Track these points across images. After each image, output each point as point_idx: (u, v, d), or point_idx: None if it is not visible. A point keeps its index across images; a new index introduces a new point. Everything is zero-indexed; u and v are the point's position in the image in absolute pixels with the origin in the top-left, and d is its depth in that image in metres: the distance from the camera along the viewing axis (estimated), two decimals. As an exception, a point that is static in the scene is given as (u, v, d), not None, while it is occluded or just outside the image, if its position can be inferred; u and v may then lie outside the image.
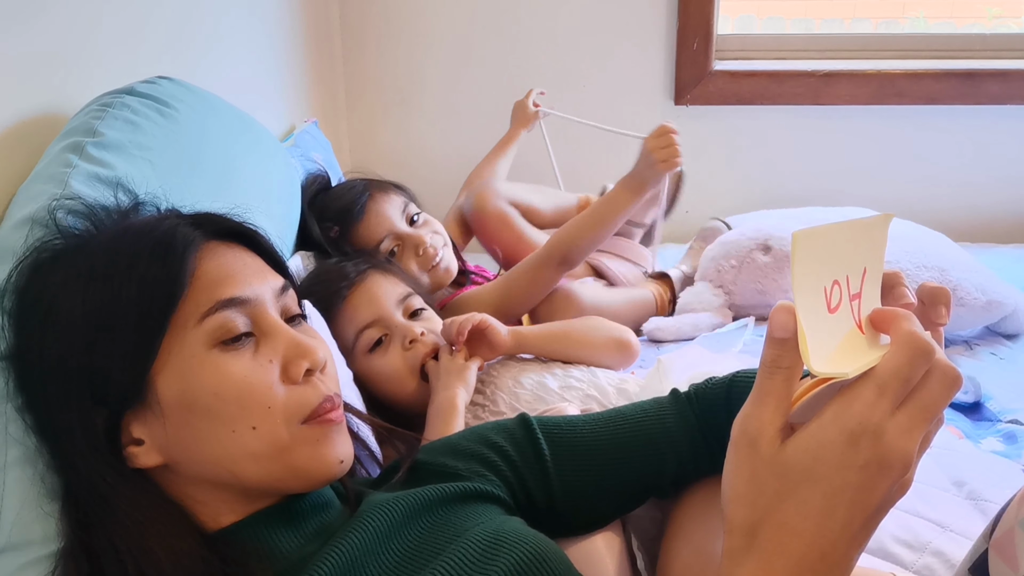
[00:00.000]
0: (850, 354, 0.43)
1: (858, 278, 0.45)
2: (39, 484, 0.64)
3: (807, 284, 0.43)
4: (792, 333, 0.43)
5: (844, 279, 0.44)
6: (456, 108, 2.07)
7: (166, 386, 0.60)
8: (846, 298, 0.45)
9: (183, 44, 1.28)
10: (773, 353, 0.44)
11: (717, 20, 1.94)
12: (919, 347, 0.42)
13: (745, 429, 0.45)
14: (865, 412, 0.41)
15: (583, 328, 1.17)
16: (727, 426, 0.66)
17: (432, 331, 1.10)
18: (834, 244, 0.44)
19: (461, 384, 1.03)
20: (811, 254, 0.43)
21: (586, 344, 1.15)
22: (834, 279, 0.44)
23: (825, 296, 0.43)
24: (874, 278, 0.47)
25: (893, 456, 0.42)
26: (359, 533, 0.62)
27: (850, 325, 0.45)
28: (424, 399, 1.06)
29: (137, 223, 0.66)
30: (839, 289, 0.44)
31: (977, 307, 1.40)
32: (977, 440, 1.15)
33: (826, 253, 0.44)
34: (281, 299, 0.67)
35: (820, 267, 0.43)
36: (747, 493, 0.44)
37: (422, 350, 1.07)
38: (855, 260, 0.45)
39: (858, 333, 0.45)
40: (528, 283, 1.32)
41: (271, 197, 1.19)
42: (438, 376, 1.05)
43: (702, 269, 1.56)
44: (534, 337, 1.13)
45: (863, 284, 0.46)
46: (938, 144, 2.00)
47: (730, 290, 1.50)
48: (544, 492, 0.75)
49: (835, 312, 0.44)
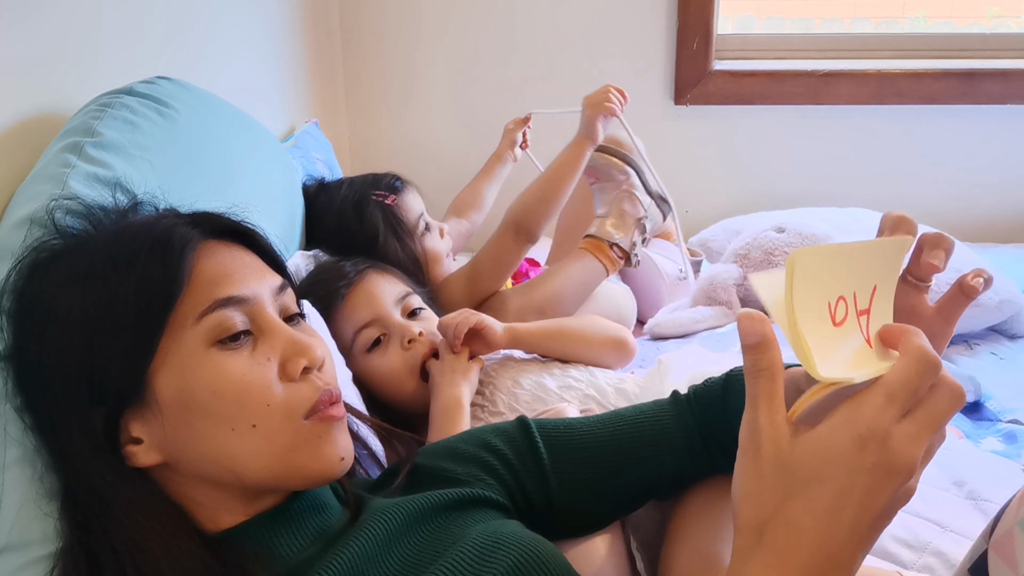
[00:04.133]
0: (856, 365, 0.45)
1: (867, 295, 0.47)
2: (38, 484, 0.64)
3: (808, 299, 0.44)
4: (761, 336, 0.45)
5: (851, 296, 0.46)
6: (456, 108, 2.07)
7: (164, 385, 0.60)
8: (853, 313, 0.46)
9: (182, 44, 1.28)
10: (750, 359, 0.46)
11: (717, 20, 1.94)
12: (928, 361, 0.44)
13: (747, 435, 0.46)
14: (874, 417, 0.43)
15: (579, 326, 1.17)
16: (726, 424, 0.66)
17: (431, 331, 1.09)
18: (841, 262, 0.46)
19: (465, 382, 1.02)
20: (813, 270, 0.44)
21: (582, 342, 1.14)
22: (839, 295, 0.46)
23: (829, 310, 0.45)
24: (885, 295, 0.49)
25: (899, 461, 0.43)
26: (360, 540, 0.62)
27: (859, 339, 0.47)
28: (423, 399, 1.05)
29: (135, 223, 0.66)
30: (845, 304, 0.46)
31: (991, 307, 1.40)
32: (977, 440, 1.15)
33: (830, 270, 0.45)
34: (279, 298, 0.67)
35: (823, 283, 0.45)
36: (754, 491, 0.45)
37: (421, 350, 1.07)
38: (865, 278, 0.47)
39: (866, 347, 0.47)
40: (493, 260, 1.33)
41: (271, 197, 1.19)
42: (441, 374, 1.04)
43: (724, 257, 1.57)
44: (529, 334, 1.13)
45: (872, 301, 0.48)
46: (938, 144, 1.99)
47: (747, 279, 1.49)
48: (543, 495, 0.75)
49: (840, 326, 0.46)
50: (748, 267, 1.51)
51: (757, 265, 1.49)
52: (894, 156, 2.01)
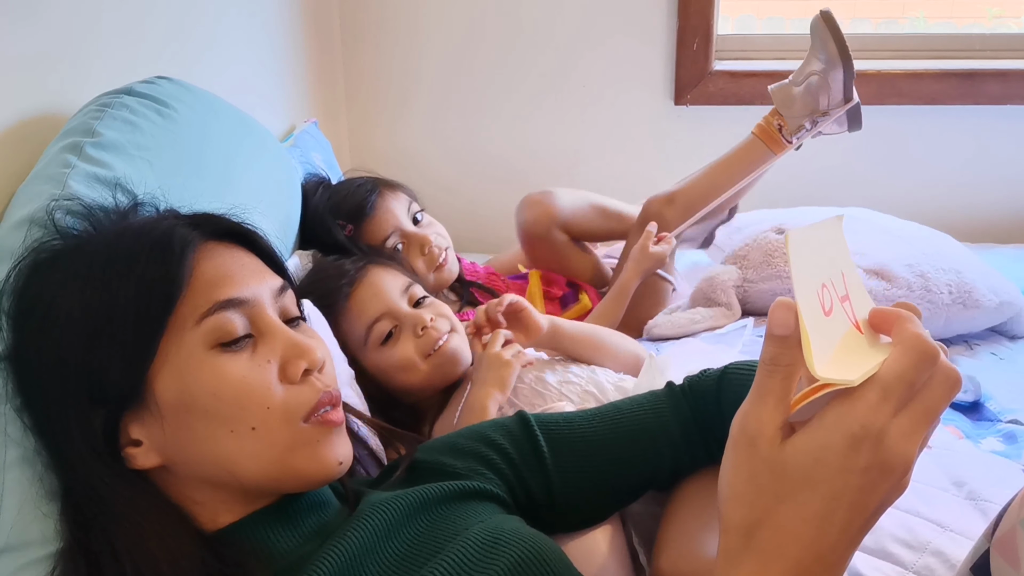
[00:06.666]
0: (852, 356, 0.43)
1: (840, 280, 0.45)
2: (38, 485, 0.64)
3: (804, 286, 0.42)
4: (792, 330, 0.42)
5: (830, 282, 0.44)
6: (456, 108, 2.06)
7: (164, 387, 0.60)
8: (836, 300, 0.44)
9: (182, 44, 1.28)
10: (773, 351, 0.43)
11: (717, 20, 1.94)
12: (925, 351, 0.42)
13: (744, 427, 0.44)
14: (868, 416, 0.41)
15: (613, 338, 1.18)
16: (718, 418, 0.65)
17: (442, 315, 1.10)
18: (817, 247, 0.44)
19: (497, 386, 1.02)
20: (803, 255, 0.42)
21: (610, 355, 1.15)
22: (823, 283, 0.44)
23: (819, 299, 0.43)
24: (853, 279, 0.46)
25: (895, 460, 0.41)
26: (358, 532, 0.62)
27: (847, 325, 0.44)
28: (433, 383, 1.07)
29: (135, 224, 0.66)
30: (829, 292, 0.44)
31: (991, 308, 1.39)
32: (977, 440, 1.14)
33: (813, 256, 0.43)
34: (279, 299, 0.67)
35: (811, 270, 0.43)
36: (745, 493, 0.44)
37: (434, 335, 1.07)
38: (834, 263, 0.45)
39: (856, 333, 0.44)
40: None
41: (271, 197, 1.19)
42: (479, 366, 1.04)
43: (724, 257, 1.56)
44: (569, 333, 1.12)
45: (846, 285, 0.46)
46: (938, 144, 1.99)
47: (750, 278, 1.48)
48: (544, 489, 0.75)
49: (830, 315, 0.43)
50: (747, 268, 1.50)
51: (756, 266, 1.49)
52: (894, 156, 2.01)
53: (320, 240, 1.31)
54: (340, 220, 1.32)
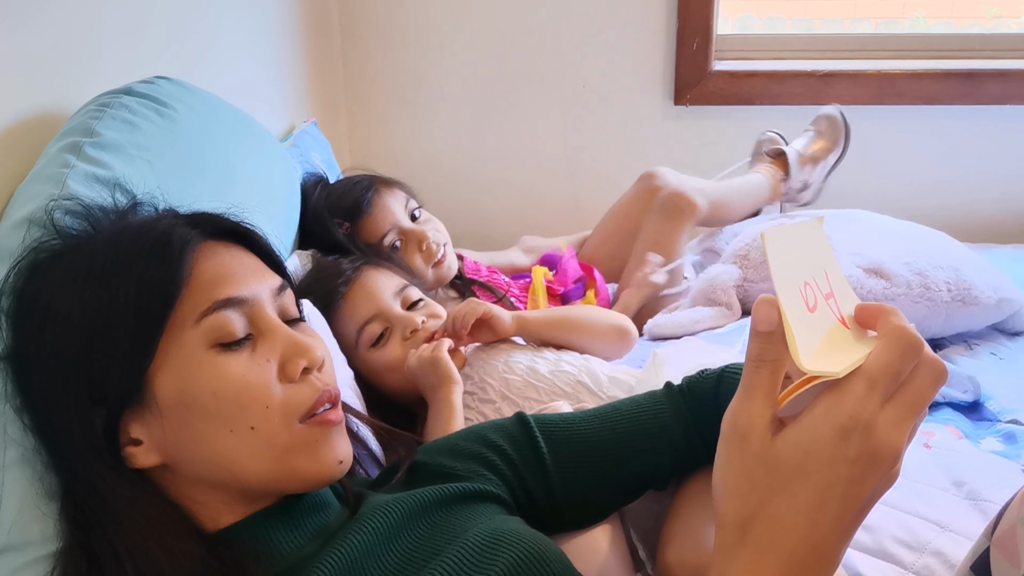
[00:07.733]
0: (838, 350, 0.44)
1: (823, 278, 0.46)
2: (38, 485, 0.64)
3: (785, 283, 0.43)
4: (775, 326, 0.43)
5: (813, 280, 0.45)
6: (456, 108, 2.06)
7: (164, 386, 0.60)
8: (821, 297, 0.45)
9: (182, 44, 1.28)
10: (758, 347, 0.44)
11: (717, 20, 1.94)
12: (909, 342, 0.42)
13: (734, 424, 0.45)
14: (856, 407, 0.42)
15: (584, 314, 1.18)
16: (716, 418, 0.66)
17: (434, 315, 1.10)
18: (797, 246, 0.45)
19: (445, 381, 1.02)
20: (782, 254, 0.43)
21: (586, 330, 1.15)
22: (805, 280, 0.45)
23: (802, 296, 0.44)
24: (837, 277, 0.47)
25: (884, 449, 0.42)
26: (360, 534, 0.62)
27: (832, 321, 0.45)
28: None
29: (135, 223, 0.66)
30: (812, 289, 0.45)
31: (990, 305, 1.39)
32: (977, 440, 1.14)
33: (793, 254, 0.44)
34: (279, 299, 0.67)
35: (792, 268, 0.44)
36: (738, 488, 0.45)
37: (424, 337, 1.07)
38: (816, 262, 0.46)
39: (842, 328, 0.45)
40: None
41: (270, 197, 1.19)
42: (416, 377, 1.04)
43: (724, 257, 1.56)
44: (536, 323, 1.14)
45: (830, 283, 0.47)
46: (938, 144, 1.99)
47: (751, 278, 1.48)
48: (544, 489, 0.75)
49: (814, 311, 0.44)
50: (748, 268, 1.50)
51: (756, 266, 1.49)
52: (894, 156, 2.01)
53: (319, 239, 1.31)
54: (337, 218, 1.32)
